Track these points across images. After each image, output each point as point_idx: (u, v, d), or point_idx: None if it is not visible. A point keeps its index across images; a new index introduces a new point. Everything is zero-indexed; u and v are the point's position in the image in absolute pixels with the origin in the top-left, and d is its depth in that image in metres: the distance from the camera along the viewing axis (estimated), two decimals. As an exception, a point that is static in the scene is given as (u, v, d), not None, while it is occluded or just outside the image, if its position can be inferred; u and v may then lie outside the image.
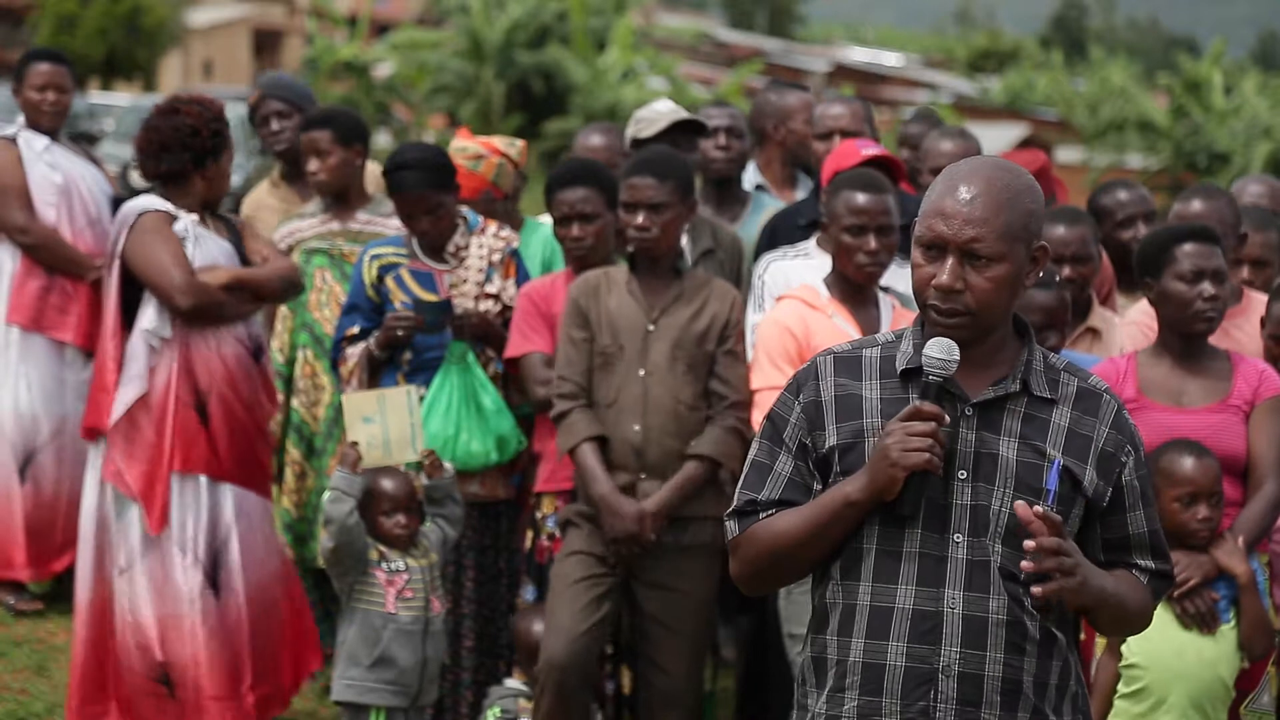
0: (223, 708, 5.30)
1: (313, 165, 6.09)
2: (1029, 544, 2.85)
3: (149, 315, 5.29)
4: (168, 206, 5.38)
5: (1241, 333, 5.19)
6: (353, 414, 5.13)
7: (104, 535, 5.35)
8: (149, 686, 5.31)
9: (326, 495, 5.02)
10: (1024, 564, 2.86)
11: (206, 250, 5.37)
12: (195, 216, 5.41)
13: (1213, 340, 4.71)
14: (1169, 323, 4.64)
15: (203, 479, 5.32)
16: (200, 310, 5.30)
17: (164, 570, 5.28)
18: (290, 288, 5.61)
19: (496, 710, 5.16)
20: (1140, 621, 3.12)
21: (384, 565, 5.01)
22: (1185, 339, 4.62)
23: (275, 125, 6.65)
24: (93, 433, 5.39)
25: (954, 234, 2.92)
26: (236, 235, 5.54)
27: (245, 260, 5.51)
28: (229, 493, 5.37)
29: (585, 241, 5.33)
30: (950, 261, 2.92)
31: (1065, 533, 2.89)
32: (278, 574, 5.55)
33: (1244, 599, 4.34)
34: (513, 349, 5.35)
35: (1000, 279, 2.93)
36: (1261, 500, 4.50)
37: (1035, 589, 2.86)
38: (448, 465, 5.22)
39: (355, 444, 5.08)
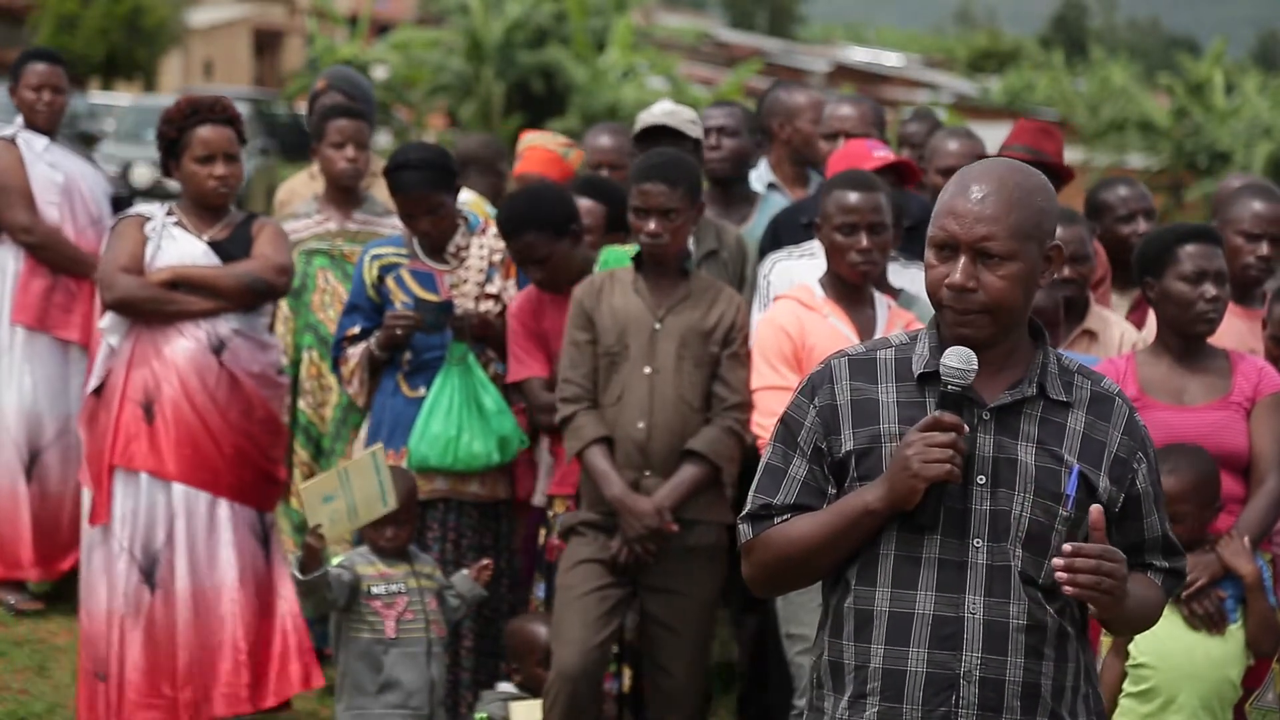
0: (146, 706, 5.26)
1: (350, 153, 6.11)
2: (1058, 559, 2.85)
3: (107, 316, 5.37)
4: (148, 209, 5.45)
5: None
6: (312, 499, 4.87)
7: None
8: (88, 678, 5.34)
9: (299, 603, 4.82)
10: (1056, 561, 2.85)
11: (178, 249, 5.36)
12: (174, 217, 5.40)
13: None
14: (1170, 322, 4.64)
15: (143, 476, 5.30)
16: (123, 305, 5.31)
17: (106, 564, 5.31)
18: (255, 288, 5.38)
19: (483, 715, 5.07)
20: (1151, 621, 3.12)
21: (383, 589, 4.89)
22: (1185, 338, 4.63)
23: None
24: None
25: (965, 232, 2.93)
26: (247, 236, 5.46)
27: None
28: (175, 492, 5.31)
29: None
30: (963, 260, 2.93)
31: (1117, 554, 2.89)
32: (237, 580, 5.35)
33: (1250, 598, 4.35)
34: (511, 375, 5.37)
35: (1013, 277, 2.93)
36: (1264, 497, 4.51)
37: (1085, 606, 2.91)
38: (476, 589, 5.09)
39: (318, 527, 4.81)
